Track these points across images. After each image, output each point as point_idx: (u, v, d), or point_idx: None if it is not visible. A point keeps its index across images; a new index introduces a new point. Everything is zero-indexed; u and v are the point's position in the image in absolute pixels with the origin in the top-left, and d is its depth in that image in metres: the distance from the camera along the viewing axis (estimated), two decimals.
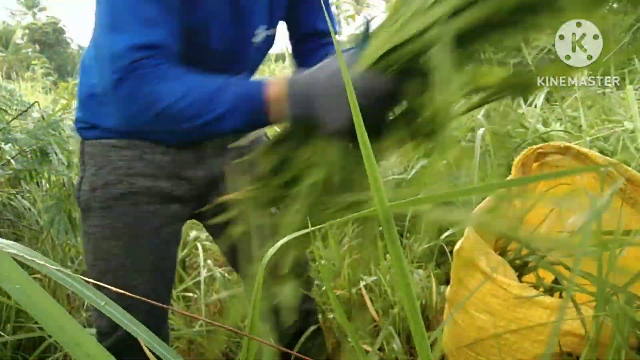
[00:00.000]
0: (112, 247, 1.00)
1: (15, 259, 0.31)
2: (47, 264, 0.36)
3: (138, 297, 0.52)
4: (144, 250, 1.02)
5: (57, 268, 0.37)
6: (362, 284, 1.39)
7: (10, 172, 1.69)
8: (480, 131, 1.72)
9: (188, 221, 1.13)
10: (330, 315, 1.39)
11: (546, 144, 1.00)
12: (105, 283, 1.04)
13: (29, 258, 0.35)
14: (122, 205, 0.99)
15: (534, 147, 1.00)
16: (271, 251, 0.43)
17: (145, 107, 0.77)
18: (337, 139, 0.73)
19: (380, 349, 1.17)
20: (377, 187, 0.36)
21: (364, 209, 0.66)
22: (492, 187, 0.60)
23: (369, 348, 1.19)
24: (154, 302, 0.46)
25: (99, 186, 0.98)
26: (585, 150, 0.96)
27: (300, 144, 0.76)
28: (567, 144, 0.97)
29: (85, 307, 1.77)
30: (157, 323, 1.10)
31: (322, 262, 1.50)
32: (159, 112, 0.76)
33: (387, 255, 1.40)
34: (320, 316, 1.43)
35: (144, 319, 1.12)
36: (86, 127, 1.01)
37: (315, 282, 1.52)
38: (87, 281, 0.39)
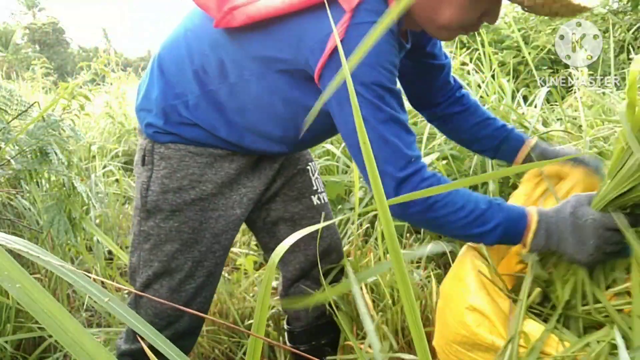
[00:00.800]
0: (174, 251, 1.02)
1: (17, 257, 0.31)
2: (52, 260, 0.36)
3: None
4: (203, 257, 1.05)
5: (61, 263, 0.37)
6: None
7: (10, 172, 1.69)
8: None
9: None
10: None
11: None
12: (158, 283, 1.08)
13: (34, 254, 0.35)
14: (192, 210, 1.02)
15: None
16: (279, 252, 0.43)
17: (425, 210, 0.85)
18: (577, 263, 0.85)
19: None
20: (377, 187, 0.36)
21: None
22: (486, 177, 0.64)
23: (369, 350, 1.19)
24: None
25: (172, 189, 1.01)
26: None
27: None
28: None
29: (85, 307, 1.77)
30: (198, 324, 1.13)
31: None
32: (437, 218, 0.85)
33: (387, 255, 1.40)
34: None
35: (188, 320, 1.16)
36: (163, 133, 1.02)
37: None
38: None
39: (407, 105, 2.45)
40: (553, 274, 0.88)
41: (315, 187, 1.21)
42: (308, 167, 1.20)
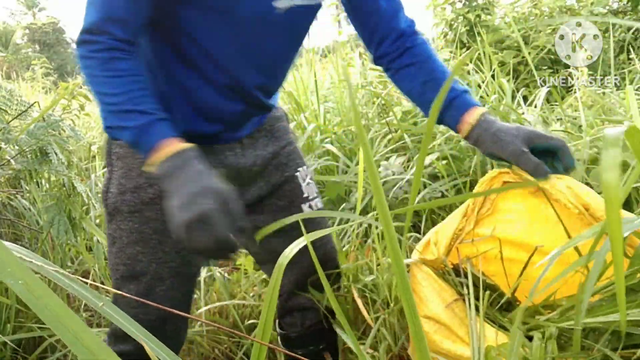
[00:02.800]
0: (138, 253, 0.98)
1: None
2: (45, 265, 0.36)
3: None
4: (169, 257, 0.99)
5: (55, 269, 0.37)
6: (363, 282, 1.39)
7: (10, 172, 1.69)
8: None
9: None
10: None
11: (507, 171, 0.98)
12: (127, 287, 1.03)
13: (27, 259, 0.35)
14: (152, 210, 0.97)
15: (499, 174, 0.99)
16: (288, 255, 0.43)
17: (89, 77, 0.85)
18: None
19: (377, 349, 1.17)
20: (377, 188, 0.36)
21: None
22: (467, 197, 0.64)
23: (369, 351, 1.19)
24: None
25: (129, 190, 0.96)
26: (549, 188, 0.94)
27: None
28: (529, 175, 0.96)
29: (84, 307, 1.77)
30: (176, 329, 1.08)
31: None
32: (93, 90, 0.85)
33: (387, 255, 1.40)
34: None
35: (161, 325, 1.09)
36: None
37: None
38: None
39: (408, 105, 2.44)
40: None
41: (306, 195, 1.13)
42: (297, 174, 1.12)
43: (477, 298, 0.85)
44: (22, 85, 5.95)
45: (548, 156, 0.93)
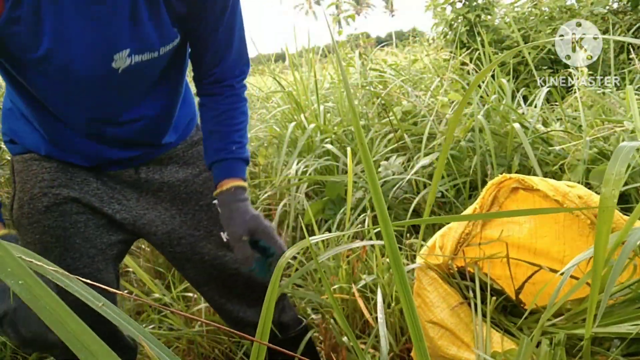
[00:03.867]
0: (44, 264, 0.95)
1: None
2: (44, 265, 0.36)
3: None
4: (79, 264, 0.97)
5: (54, 269, 0.37)
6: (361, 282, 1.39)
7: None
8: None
9: None
10: (329, 316, 1.39)
11: (517, 179, 0.99)
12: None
13: (27, 259, 0.36)
14: (49, 218, 0.95)
15: (508, 179, 0.99)
16: (284, 260, 0.43)
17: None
18: None
19: (377, 349, 1.17)
20: (375, 190, 0.36)
21: None
22: (477, 217, 0.65)
23: (370, 351, 1.19)
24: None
25: (26, 202, 0.95)
26: (554, 193, 0.93)
27: None
28: (539, 184, 0.95)
29: None
30: (107, 333, 1.04)
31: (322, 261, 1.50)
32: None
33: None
34: (319, 316, 1.44)
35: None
36: (10, 141, 0.99)
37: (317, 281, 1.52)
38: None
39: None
40: None
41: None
42: (215, 202, 1.02)
43: (482, 302, 0.85)
44: None
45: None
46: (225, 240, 1.07)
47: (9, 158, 1.67)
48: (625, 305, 0.72)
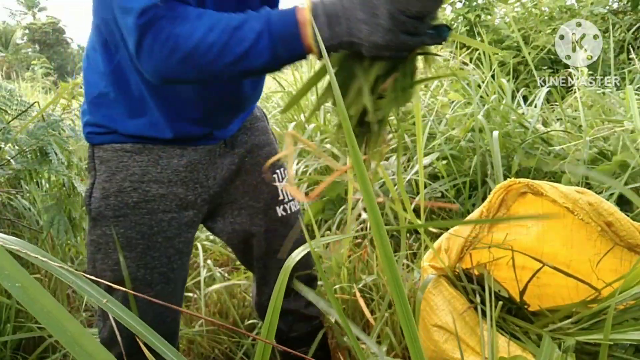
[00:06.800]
0: (125, 259, 0.95)
1: (17, 257, 0.31)
2: (49, 261, 0.36)
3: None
4: (157, 263, 0.98)
5: (60, 265, 0.37)
6: (362, 282, 1.39)
7: (10, 172, 1.69)
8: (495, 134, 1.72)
9: None
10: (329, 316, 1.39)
11: (526, 183, 0.98)
12: (114, 294, 0.99)
13: (32, 255, 0.35)
14: (137, 214, 0.95)
15: (517, 184, 0.99)
16: (295, 258, 0.43)
17: (170, 52, 0.70)
18: (378, 57, 0.66)
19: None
20: (366, 187, 0.36)
21: None
22: (480, 222, 0.64)
23: (366, 348, 1.19)
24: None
25: (112, 193, 0.94)
26: (563, 200, 0.93)
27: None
28: (549, 190, 0.95)
29: (84, 307, 1.77)
30: (166, 335, 1.06)
31: (323, 261, 1.50)
32: (186, 54, 0.69)
33: None
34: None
35: (161, 330, 1.05)
36: (98, 132, 0.96)
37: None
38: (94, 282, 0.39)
39: None
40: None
41: (281, 197, 1.12)
42: (275, 176, 1.10)
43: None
44: (22, 85, 5.95)
45: None
46: (280, 215, 1.10)
47: (8, 158, 1.67)
48: (637, 310, 0.71)
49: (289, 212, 1.13)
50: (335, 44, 0.66)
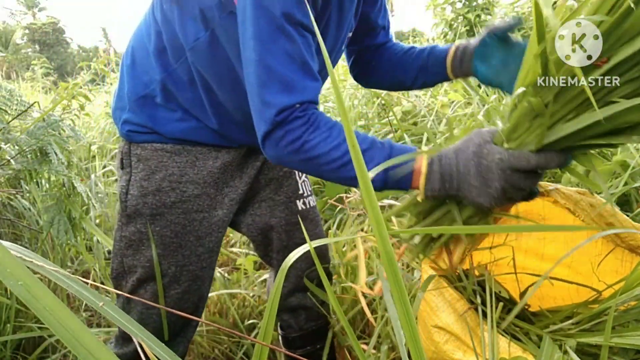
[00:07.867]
0: (158, 256, 0.98)
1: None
2: (45, 265, 0.36)
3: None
4: (187, 261, 1.01)
5: (55, 269, 0.37)
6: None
7: (10, 172, 1.69)
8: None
9: None
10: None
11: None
12: (142, 289, 1.03)
13: (28, 259, 0.35)
14: (173, 213, 0.98)
15: None
16: (291, 260, 0.43)
17: (295, 151, 0.77)
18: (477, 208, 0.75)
19: (378, 349, 1.17)
20: (368, 192, 0.36)
21: None
22: (483, 229, 0.66)
23: (368, 348, 1.19)
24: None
25: (151, 192, 0.97)
26: (565, 201, 0.92)
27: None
28: (550, 191, 0.95)
29: (84, 307, 1.77)
30: (185, 329, 1.08)
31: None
32: (309, 158, 0.77)
33: None
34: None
35: (174, 326, 1.10)
36: (139, 131, 0.98)
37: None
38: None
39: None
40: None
41: (301, 191, 1.15)
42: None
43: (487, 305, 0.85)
44: (22, 85, 5.95)
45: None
46: (300, 209, 1.13)
47: (8, 158, 1.67)
48: (638, 311, 0.71)
49: (308, 206, 1.16)
50: (442, 195, 0.74)
